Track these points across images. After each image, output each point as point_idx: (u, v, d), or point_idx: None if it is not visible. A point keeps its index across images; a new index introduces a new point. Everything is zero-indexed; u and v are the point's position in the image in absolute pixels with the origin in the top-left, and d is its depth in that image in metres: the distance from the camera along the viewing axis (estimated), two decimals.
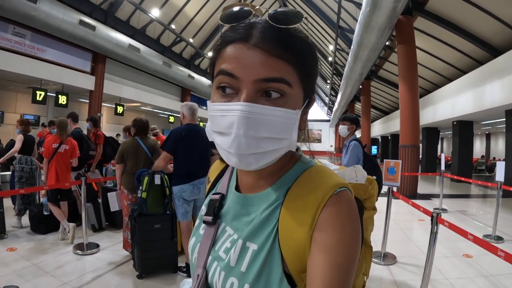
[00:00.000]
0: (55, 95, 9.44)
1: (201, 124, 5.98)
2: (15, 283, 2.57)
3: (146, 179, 2.72)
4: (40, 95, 8.80)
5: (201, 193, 2.78)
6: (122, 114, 12.47)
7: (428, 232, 2.31)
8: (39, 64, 8.51)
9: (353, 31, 9.74)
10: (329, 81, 21.81)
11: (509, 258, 1.67)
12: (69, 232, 3.55)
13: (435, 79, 11.51)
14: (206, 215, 0.54)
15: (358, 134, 3.34)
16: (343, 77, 13.63)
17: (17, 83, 9.44)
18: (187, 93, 16.77)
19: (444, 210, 5.83)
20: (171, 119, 16.13)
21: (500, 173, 4.38)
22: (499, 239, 4.10)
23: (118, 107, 12.22)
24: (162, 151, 2.76)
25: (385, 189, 3.44)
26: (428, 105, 11.47)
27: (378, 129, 21.05)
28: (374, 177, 0.63)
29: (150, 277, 2.77)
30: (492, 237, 4.12)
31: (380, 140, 23.50)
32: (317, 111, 37.82)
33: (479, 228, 4.73)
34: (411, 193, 7.26)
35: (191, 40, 14.94)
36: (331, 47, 15.06)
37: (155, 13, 11.86)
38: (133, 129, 3.34)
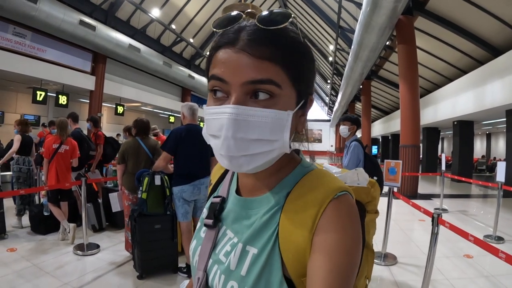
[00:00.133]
0: (55, 95, 9.46)
1: (201, 124, 5.97)
2: (15, 284, 2.58)
3: (146, 179, 2.72)
4: (40, 95, 8.81)
5: (201, 194, 2.78)
6: (122, 114, 12.48)
7: (428, 232, 2.30)
8: (39, 64, 8.51)
9: (353, 31, 9.73)
10: (329, 81, 21.78)
11: (510, 259, 1.66)
12: (69, 232, 3.55)
13: (436, 79, 11.50)
14: (207, 218, 0.55)
15: (358, 134, 3.34)
16: (343, 77, 13.62)
17: (18, 83, 9.44)
18: (187, 93, 16.76)
19: (444, 210, 5.83)
20: (172, 119, 16.14)
21: (501, 174, 4.38)
22: (499, 239, 4.10)
23: (118, 107, 12.23)
24: (162, 151, 2.76)
25: (385, 189, 3.44)
26: (428, 105, 11.46)
27: (378, 129, 21.03)
28: (375, 178, 0.63)
29: (150, 278, 2.77)
30: (492, 238, 4.11)
31: (380, 140, 23.50)
32: (317, 111, 37.82)
33: (480, 228, 4.72)
34: (411, 193, 7.25)
35: (192, 40, 14.93)
36: (331, 47, 15.04)
37: (156, 13, 11.84)
38: (134, 129, 3.34)
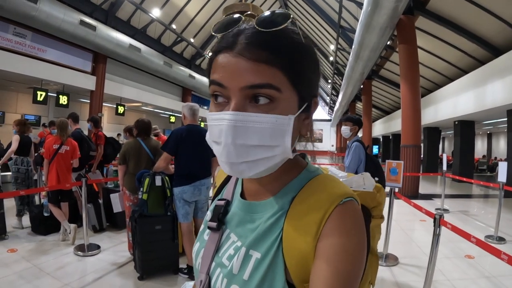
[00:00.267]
0: (56, 95, 9.48)
1: (202, 124, 5.97)
2: (16, 285, 2.57)
3: (147, 180, 2.71)
4: (41, 95, 8.82)
5: (202, 195, 2.77)
6: (123, 114, 12.49)
7: (429, 232, 2.30)
8: (39, 64, 8.52)
9: (354, 31, 9.72)
10: (330, 81, 21.81)
11: None
12: (70, 233, 3.54)
13: (437, 79, 11.49)
14: (210, 220, 0.54)
15: (359, 133, 3.33)
16: (344, 76, 13.61)
17: (18, 83, 9.45)
18: (188, 93, 16.78)
19: (445, 210, 5.83)
20: (172, 119, 16.15)
21: (502, 174, 4.37)
22: (501, 239, 4.08)
23: (119, 107, 12.24)
24: (163, 151, 2.75)
25: (387, 190, 3.43)
26: (429, 105, 11.44)
27: (379, 128, 21.02)
28: (376, 178, 0.62)
29: (151, 279, 2.76)
30: (494, 238, 4.10)
31: (381, 139, 23.50)
32: (318, 111, 37.11)
33: (481, 228, 4.71)
34: (412, 193, 7.24)
35: (192, 40, 14.94)
36: (332, 47, 15.05)
37: (156, 13, 11.85)
38: (135, 130, 3.33)
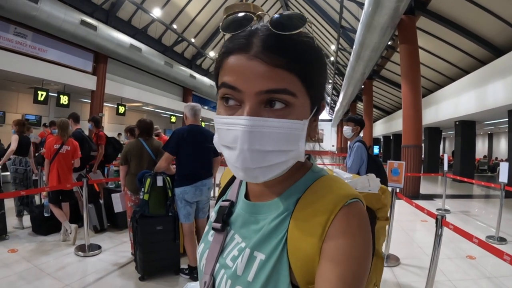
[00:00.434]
0: (56, 95, 9.47)
1: (203, 124, 5.96)
2: (16, 285, 2.57)
3: (148, 181, 2.70)
4: (41, 95, 8.81)
5: (203, 195, 2.77)
6: (123, 114, 12.48)
7: (431, 233, 2.29)
8: (40, 64, 8.52)
9: (355, 31, 9.71)
10: (331, 81, 21.79)
11: None
12: (70, 233, 3.54)
13: (438, 79, 11.47)
14: (215, 221, 0.54)
15: (360, 134, 3.32)
16: (345, 76, 13.60)
17: (19, 83, 9.45)
18: (189, 93, 16.77)
19: (446, 210, 5.82)
20: (173, 119, 16.16)
21: (503, 174, 4.36)
22: (502, 240, 4.07)
23: (119, 107, 12.23)
24: (164, 152, 2.75)
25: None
26: (430, 105, 11.43)
27: (380, 129, 21.00)
28: (378, 179, 0.62)
29: (152, 279, 2.76)
30: (495, 238, 4.09)
31: (382, 140, 23.47)
32: None
33: (482, 229, 4.70)
34: (413, 194, 7.23)
35: (193, 40, 14.93)
36: (333, 47, 15.04)
37: (157, 13, 11.84)
38: (137, 130, 3.32)
